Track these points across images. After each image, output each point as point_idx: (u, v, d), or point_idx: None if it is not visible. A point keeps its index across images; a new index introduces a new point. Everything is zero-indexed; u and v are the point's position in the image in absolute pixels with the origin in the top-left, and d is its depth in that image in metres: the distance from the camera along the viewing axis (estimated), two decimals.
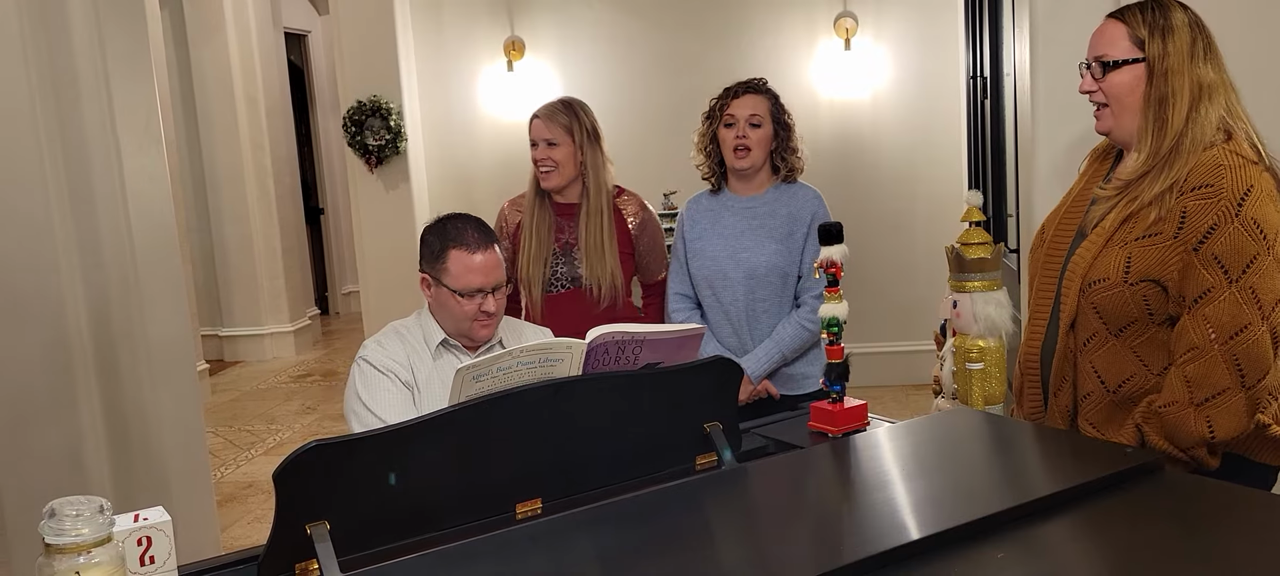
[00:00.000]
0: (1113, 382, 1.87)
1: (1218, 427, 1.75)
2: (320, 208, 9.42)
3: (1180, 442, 1.78)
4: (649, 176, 5.69)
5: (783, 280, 2.81)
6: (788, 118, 2.86)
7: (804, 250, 2.80)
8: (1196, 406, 1.75)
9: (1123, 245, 1.83)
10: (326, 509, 1.42)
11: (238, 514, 4.53)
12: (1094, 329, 1.87)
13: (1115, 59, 1.87)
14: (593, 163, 2.95)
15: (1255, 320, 1.73)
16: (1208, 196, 1.75)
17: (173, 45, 7.23)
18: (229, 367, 7.47)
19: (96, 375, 2.96)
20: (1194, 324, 1.76)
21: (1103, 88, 1.89)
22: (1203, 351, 1.75)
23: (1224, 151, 1.78)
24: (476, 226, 2.27)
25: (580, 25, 5.79)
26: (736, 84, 2.87)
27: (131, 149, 3.05)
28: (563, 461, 1.64)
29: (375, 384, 2.20)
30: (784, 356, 2.81)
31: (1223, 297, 1.73)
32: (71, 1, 2.88)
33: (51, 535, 1.19)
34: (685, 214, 2.98)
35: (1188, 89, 1.81)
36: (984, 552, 1.34)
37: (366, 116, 5.58)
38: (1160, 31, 1.83)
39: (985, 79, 4.54)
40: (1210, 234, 1.74)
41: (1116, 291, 1.82)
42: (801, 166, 2.89)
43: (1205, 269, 1.75)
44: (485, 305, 2.22)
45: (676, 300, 2.94)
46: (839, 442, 1.84)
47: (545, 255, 2.89)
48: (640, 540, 1.47)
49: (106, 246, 2.98)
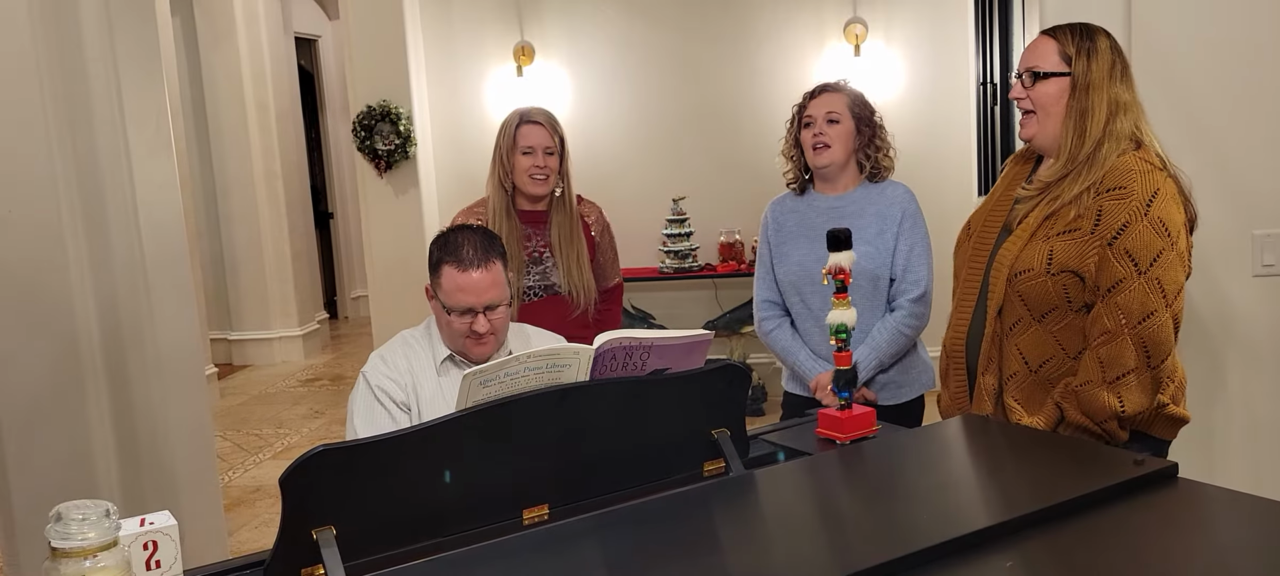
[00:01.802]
0: (1035, 363, 2.06)
1: (1127, 403, 1.95)
2: (330, 212, 9.44)
3: (1094, 416, 1.97)
4: (658, 181, 5.71)
5: (873, 282, 2.65)
6: (872, 115, 2.74)
7: (895, 250, 2.67)
8: (1108, 384, 1.95)
9: (1045, 239, 2.03)
10: (333, 514, 1.42)
11: (245, 518, 4.54)
12: (1019, 315, 2.06)
13: (1045, 70, 2.08)
14: (567, 172, 2.98)
15: (1160, 307, 1.93)
16: (1121, 197, 1.96)
17: (183, 50, 7.26)
18: (237, 371, 7.48)
19: (105, 378, 2.97)
20: (1107, 310, 1.96)
21: (1031, 95, 2.10)
22: (1114, 335, 1.95)
23: (1135, 158, 2.00)
24: (478, 242, 2.17)
25: (589, 30, 5.80)
26: (815, 86, 2.78)
27: (142, 154, 3.06)
28: (569, 467, 1.63)
29: (369, 407, 2.17)
30: (881, 362, 2.65)
31: (1133, 287, 1.94)
32: (83, 6, 2.89)
33: (57, 539, 1.19)
34: (769, 217, 2.84)
35: (1105, 104, 2.03)
36: (993, 561, 1.33)
37: (376, 121, 5.59)
38: (1085, 51, 2.06)
39: (995, 85, 4.53)
40: (1123, 231, 1.95)
41: (1040, 281, 2.02)
42: (891, 164, 2.76)
43: (1118, 261, 1.95)
44: (476, 325, 2.14)
45: (765, 308, 2.80)
46: (847, 449, 1.83)
47: (518, 265, 2.88)
48: (647, 547, 1.46)
49: (116, 250, 2.99)
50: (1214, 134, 2.65)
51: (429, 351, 2.25)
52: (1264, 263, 2.69)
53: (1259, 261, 2.68)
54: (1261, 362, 2.71)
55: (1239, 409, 2.73)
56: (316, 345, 8.03)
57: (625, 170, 5.60)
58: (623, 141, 5.73)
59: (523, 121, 2.93)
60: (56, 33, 2.85)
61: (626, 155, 5.69)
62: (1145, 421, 2.00)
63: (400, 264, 5.55)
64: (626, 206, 3.16)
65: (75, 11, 2.89)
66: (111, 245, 2.98)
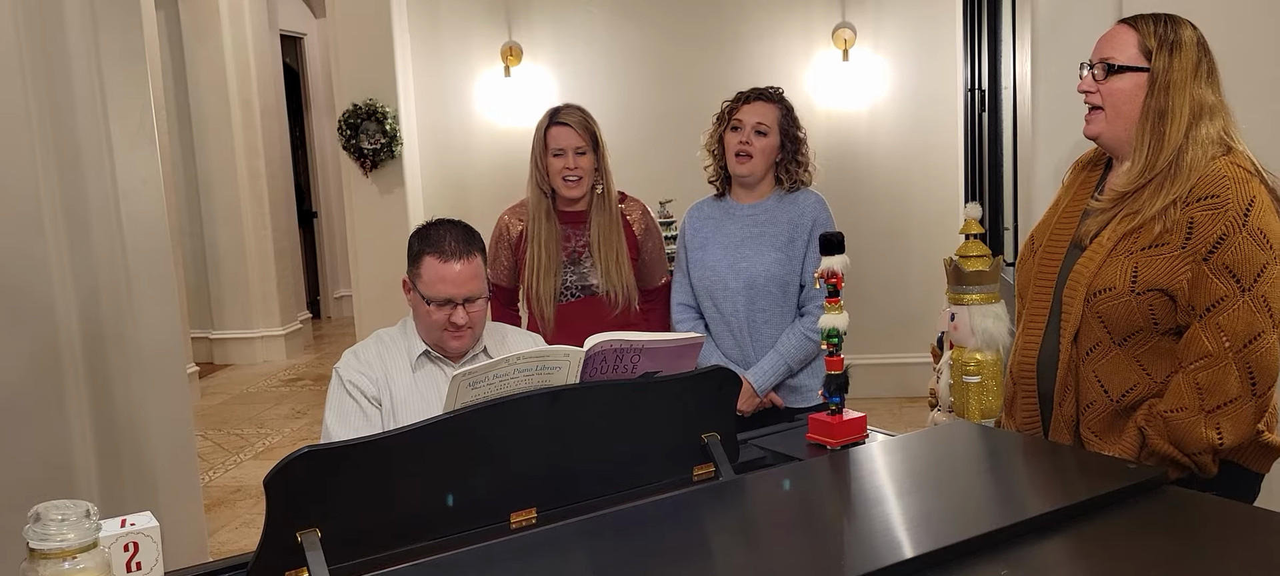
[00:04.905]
0: (1116, 392, 1.88)
1: (1227, 434, 1.76)
2: (314, 211, 9.39)
3: (1187, 447, 1.79)
4: (645, 184, 5.65)
5: (783, 290, 2.75)
6: (799, 131, 2.79)
7: (805, 258, 2.74)
8: (1207, 413, 1.77)
9: (1127, 255, 1.84)
10: (318, 516, 1.40)
11: (226, 518, 4.49)
12: (1097, 338, 1.88)
13: (1121, 64, 1.89)
14: (605, 169, 2.91)
15: (1267, 327, 1.75)
16: (1214, 207, 1.77)
17: (167, 46, 7.20)
18: (219, 370, 7.43)
19: (85, 376, 2.93)
20: (1207, 332, 1.77)
21: (1102, 89, 1.91)
22: (1216, 359, 1.76)
23: (1227, 164, 1.81)
24: (459, 234, 2.20)
25: (578, 31, 5.79)
26: (750, 89, 2.80)
27: (124, 149, 3.02)
28: (558, 470, 1.62)
29: (340, 401, 2.20)
30: (789, 368, 2.76)
31: (1236, 306, 1.75)
32: (67, 1, 2.86)
33: (36, 540, 1.17)
34: (687, 222, 2.92)
35: (1188, 106, 1.84)
36: (985, 569, 1.32)
37: (362, 120, 5.56)
38: (1169, 46, 1.86)
39: (983, 91, 4.54)
40: (1220, 244, 1.76)
41: (1123, 301, 1.84)
42: (809, 178, 2.82)
43: (1217, 278, 1.76)
44: (454, 316, 2.16)
45: (680, 310, 2.89)
46: (837, 455, 1.82)
47: (555, 267, 2.82)
48: (635, 551, 1.45)
49: (98, 247, 2.96)
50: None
51: (404, 348, 2.26)
52: None
53: None
54: None
55: None
56: (299, 344, 7.98)
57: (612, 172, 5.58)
58: (610, 144, 5.65)
59: (552, 123, 2.85)
60: (40, 26, 2.82)
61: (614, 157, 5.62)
62: (1237, 452, 1.82)
63: (385, 264, 5.52)
64: None
65: (59, 5, 2.86)
66: (92, 238, 2.95)
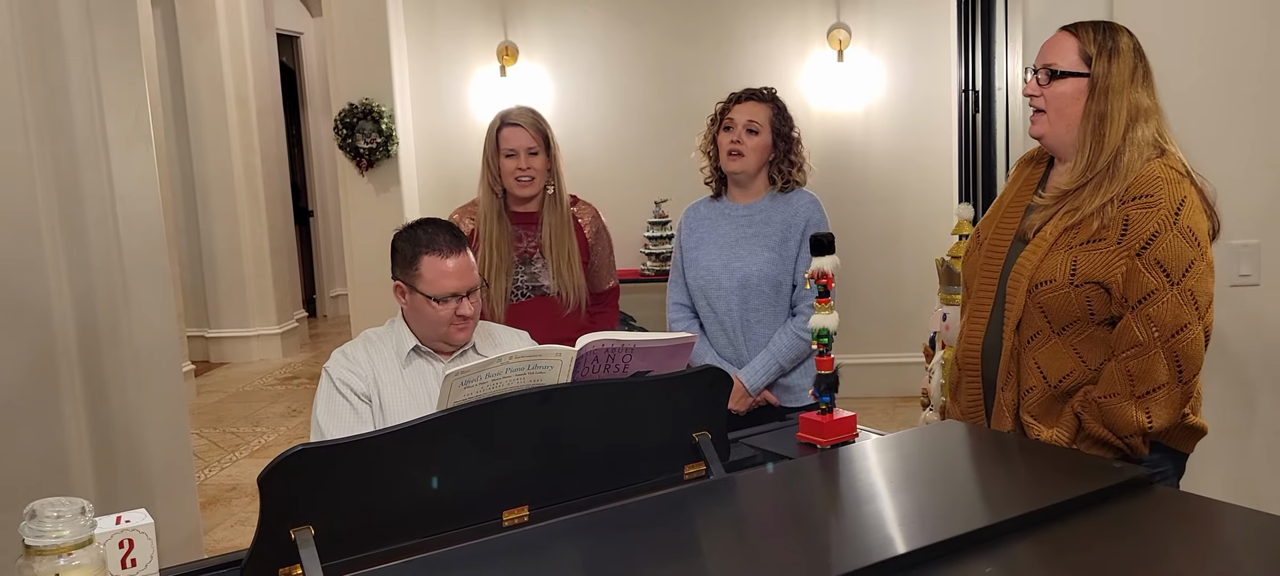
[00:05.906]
0: (1054, 378, 1.98)
1: (1156, 418, 1.89)
2: (310, 210, 9.39)
3: (1119, 430, 1.91)
4: (640, 183, 5.71)
5: (776, 289, 2.77)
6: (791, 130, 2.81)
7: (798, 258, 2.75)
8: (1137, 398, 1.89)
9: (1067, 250, 1.95)
10: (312, 513, 1.41)
11: (221, 516, 4.50)
12: (1038, 327, 1.99)
13: (1062, 69, 2.00)
14: (557, 171, 2.92)
15: (1193, 320, 1.88)
16: (1148, 206, 1.90)
17: (164, 44, 7.20)
18: (215, 369, 7.43)
19: (81, 374, 2.94)
20: (1138, 322, 1.89)
21: (1046, 93, 2.01)
22: (1146, 348, 1.89)
23: (1161, 166, 1.93)
24: (448, 231, 2.27)
25: (574, 31, 5.79)
26: (742, 89, 2.83)
27: (120, 147, 3.03)
28: (550, 469, 1.63)
29: (332, 401, 2.22)
30: (781, 367, 2.77)
31: (1165, 299, 1.88)
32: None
33: (31, 536, 1.18)
34: (683, 222, 2.94)
35: (1125, 110, 1.96)
36: (972, 567, 1.34)
37: (358, 119, 5.57)
38: (1107, 52, 1.98)
39: (977, 92, 4.55)
40: (1152, 240, 1.89)
41: (1062, 292, 1.94)
42: (803, 178, 2.84)
43: (1148, 272, 1.89)
44: (461, 309, 2.23)
45: (675, 310, 2.90)
46: (827, 454, 1.84)
47: (507, 267, 2.86)
48: (626, 549, 1.46)
49: (93, 245, 2.96)
50: (1191, 144, 2.66)
51: (392, 346, 2.28)
52: (1240, 272, 2.72)
53: (1235, 271, 2.71)
54: (1236, 371, 2.73)
55: (1212, 415, 2.75)
56: (294, 343, 7.98)
57: (607, 172, 5.59)
58: (605, 143, 5.72)
59: (504, 124, 2.89)
60: (35, 24, 2.82)
61: (609, 157, 5.68)
62: (1165, 433, 1.94)
63: (380, 262, 5.47)
64: (608, 208, 3.14)
65: (55, 3, 2.86)
66: (88, 237, 2.95)
